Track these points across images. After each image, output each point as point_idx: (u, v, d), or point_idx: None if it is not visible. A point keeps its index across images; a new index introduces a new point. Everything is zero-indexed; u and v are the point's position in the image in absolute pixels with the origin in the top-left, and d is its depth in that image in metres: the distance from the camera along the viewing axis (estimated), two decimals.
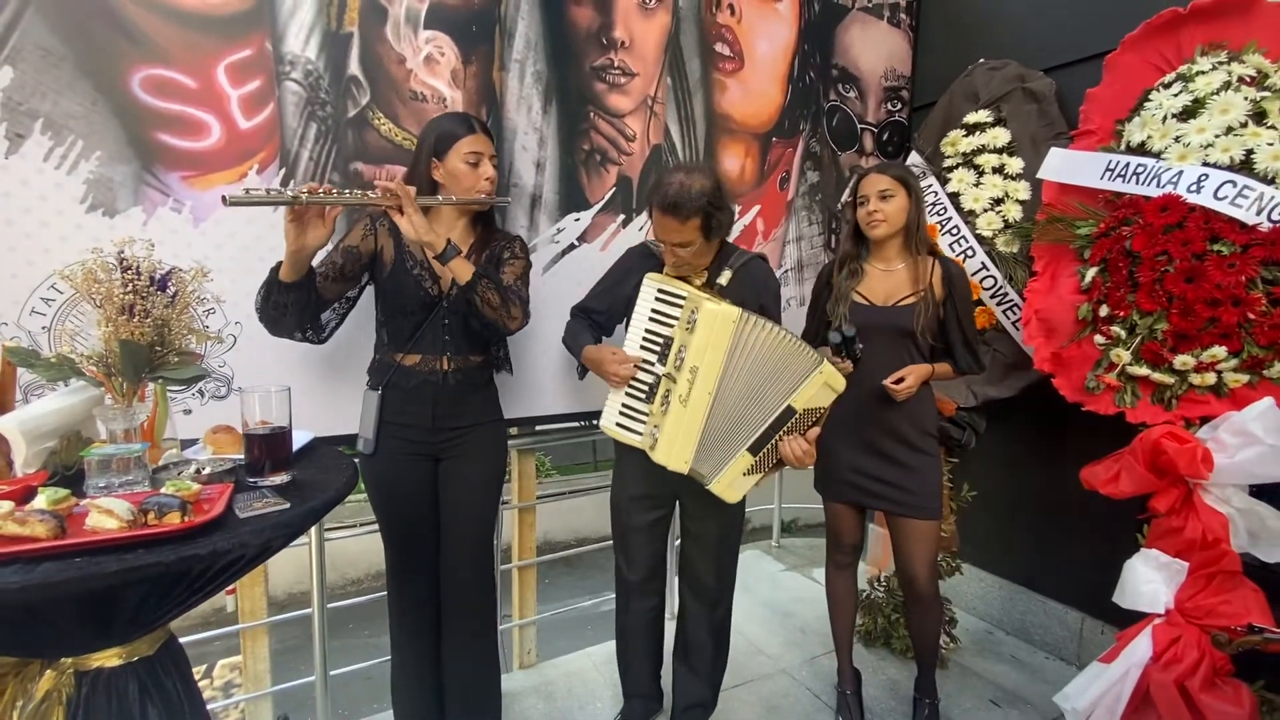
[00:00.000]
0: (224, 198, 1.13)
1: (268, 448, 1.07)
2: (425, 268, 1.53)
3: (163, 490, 0.92)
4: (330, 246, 1.48)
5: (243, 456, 1.10)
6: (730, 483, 1.52)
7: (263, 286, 1.37)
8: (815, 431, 1.48)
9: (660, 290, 1.56)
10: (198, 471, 1.05)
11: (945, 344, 1.81)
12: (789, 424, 1.47)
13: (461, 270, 1.42)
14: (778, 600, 2.79)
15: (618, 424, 1.61)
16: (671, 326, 1.53)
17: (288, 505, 0.96)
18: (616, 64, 2.06)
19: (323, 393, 1.71)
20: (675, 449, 1.50)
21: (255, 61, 1.58)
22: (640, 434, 1.58)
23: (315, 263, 1.43)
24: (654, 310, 1.56)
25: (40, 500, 0.88)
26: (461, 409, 1.60)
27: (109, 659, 0.95)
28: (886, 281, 1.81)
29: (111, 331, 1.01)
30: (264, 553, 0.91)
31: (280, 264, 1.35)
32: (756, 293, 1.63)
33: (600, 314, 1.75)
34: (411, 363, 1.55)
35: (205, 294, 1.18)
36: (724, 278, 1.61)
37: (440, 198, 1.49)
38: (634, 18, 2.06)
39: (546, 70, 1.96)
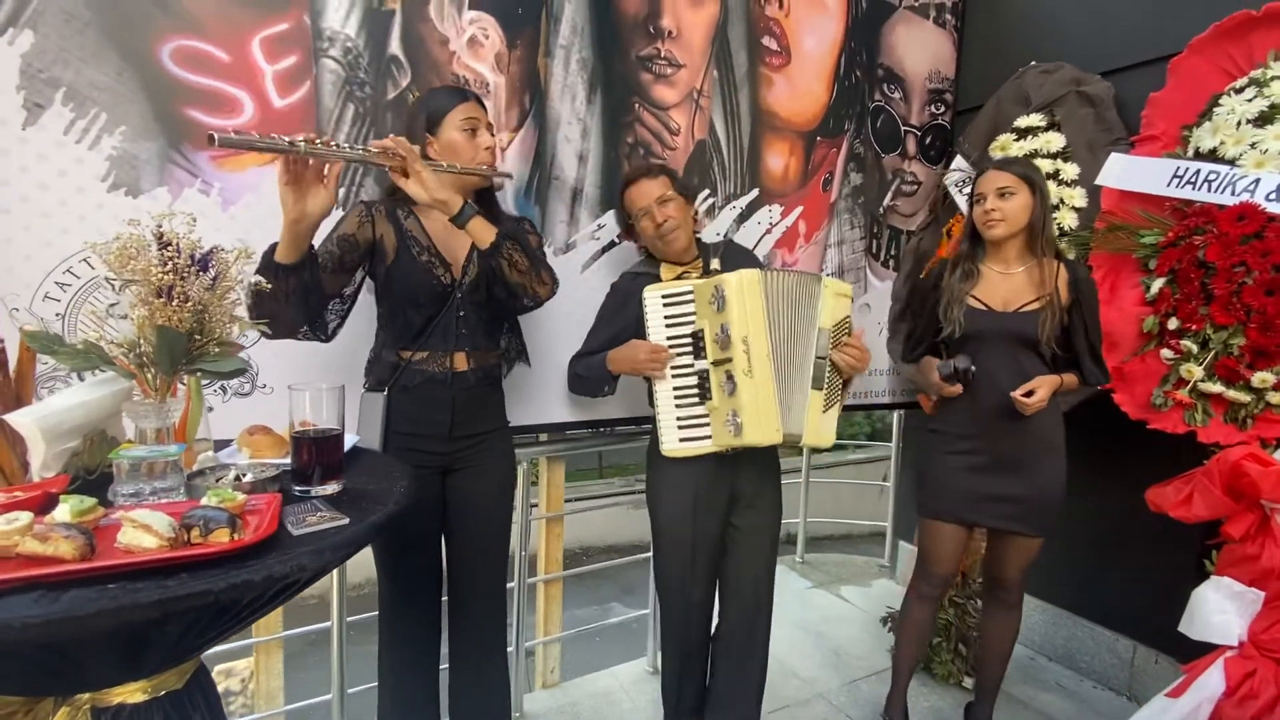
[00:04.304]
0: (211, 136, 0.98)
1: (318, 452, 0.95)
2: (435, 254, 1.39)
3: (204, 501, 0.80)
4: (323, 237, 1.32)
5: (288, 461, 0.98)
6: (816, 428, 1.51)
7: (256, 274, 1.15)
8: (860, 332, 1.58)
9: (665, 295, 1.54)
10: (238, 478, 0.92)
11: (1069, 354, 1.69)
12: (829, 343, 1.52)
13: (482, 232, 1.29)
14: (808, 620, 2.68)
15: (681, 440, 1.53)
16: (692, 321, 1.51)
17: (346, 520, 0.84)
18: (663, 54, 1.96)
19: (356, 393, 1.60)
20: (763, 422, 1.45)
21: (292, 36, 1.48)
22: (708, 436, 1.52)
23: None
24: (666, 316, 1.54)
25: (64, 511, 0.77)
26: (479, 413, 1.49)
27: (132, 694, 0.82)
28: (1004, 285, 1.70)
29: (147, 316, 0.89)
30: (319, 575, 0.80)
31: (273, 247, 1.18)
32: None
33: (603, 351, 1.66)
34: (419, 360, 1.41)
35: (244, 278, 1.05)
36: (715, 264, 1.64)
37: (444, 163, 1.33)
38: (683, 7, 1.97)
39: (592, 57, 1.86)
